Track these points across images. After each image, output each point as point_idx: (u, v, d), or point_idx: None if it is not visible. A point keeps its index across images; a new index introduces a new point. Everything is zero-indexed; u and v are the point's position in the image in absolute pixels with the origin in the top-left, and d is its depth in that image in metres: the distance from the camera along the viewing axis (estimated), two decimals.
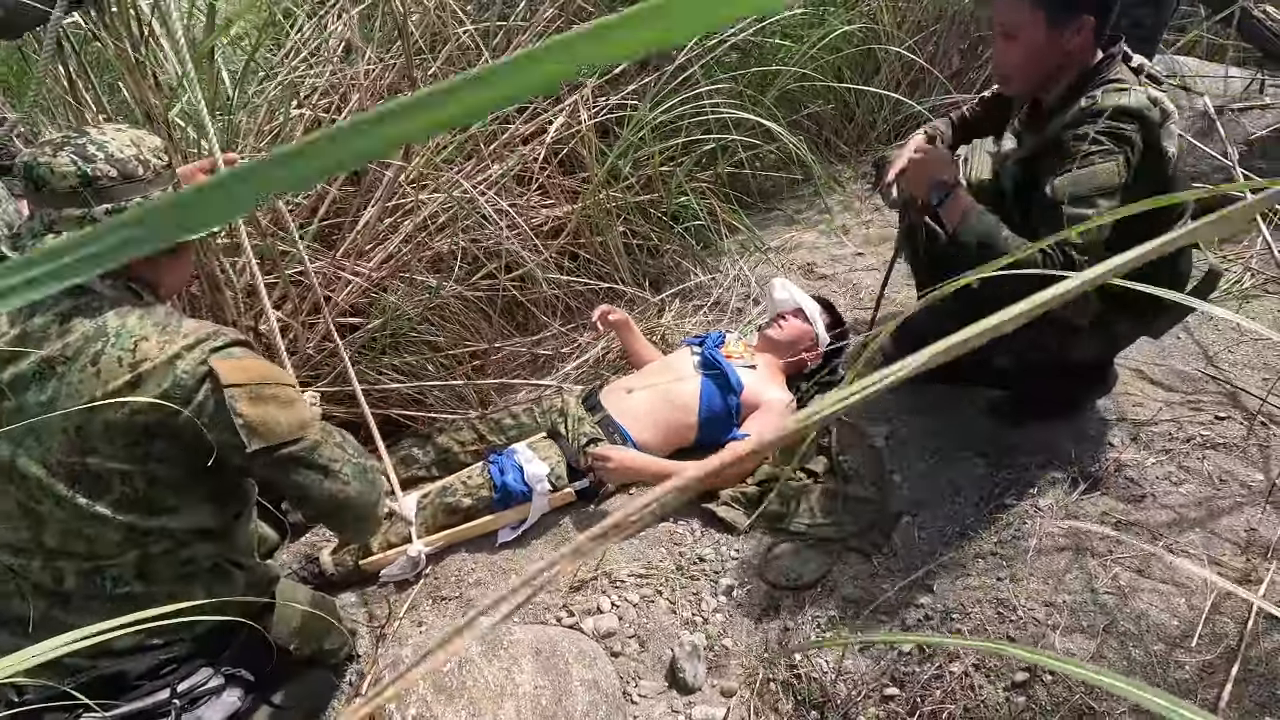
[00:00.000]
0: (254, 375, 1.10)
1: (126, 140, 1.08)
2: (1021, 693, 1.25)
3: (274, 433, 1.11)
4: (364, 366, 2.16)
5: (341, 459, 1.20)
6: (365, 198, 2.16)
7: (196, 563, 1.19)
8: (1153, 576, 1.36)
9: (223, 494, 1.21)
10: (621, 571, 1.75)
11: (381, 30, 2.20)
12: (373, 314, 2.14)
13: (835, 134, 3.62)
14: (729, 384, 1.99)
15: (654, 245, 2.89)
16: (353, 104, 2.23)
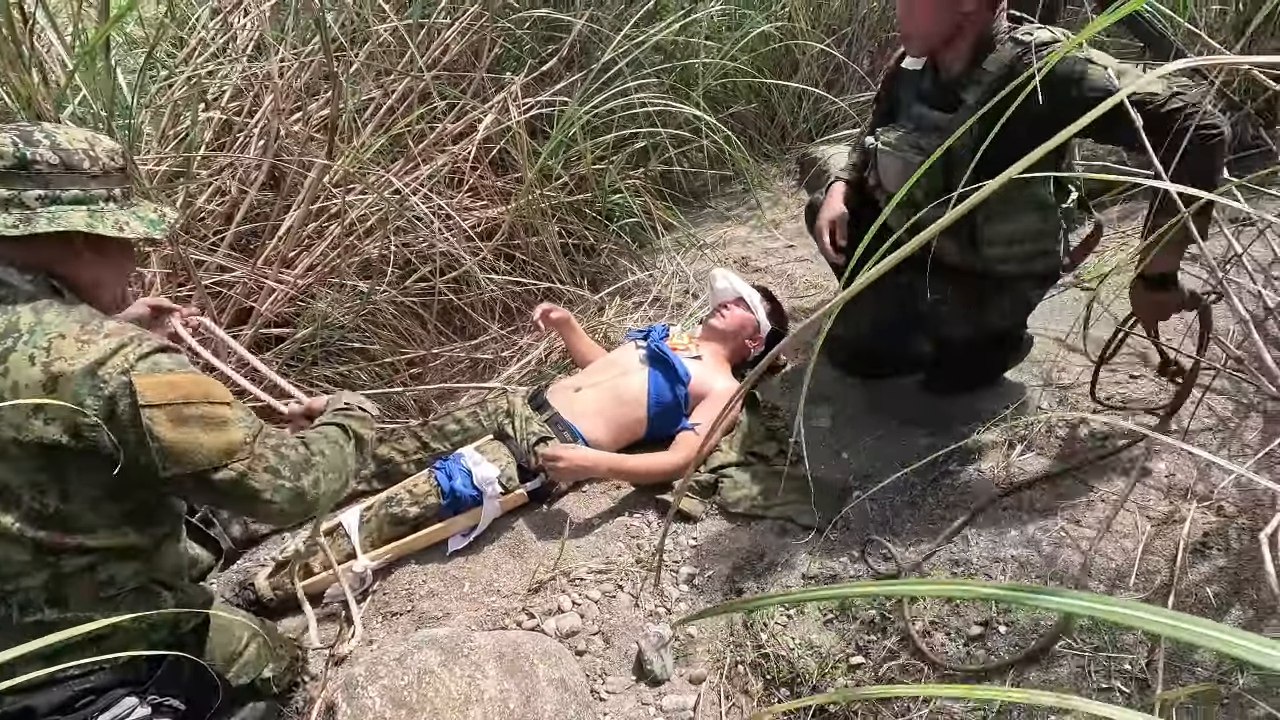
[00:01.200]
0: (178, 392, 1.01)
1: (79, 136, 1.05)
2: (979, 645, 1.30)
3: (193, 459, 1.02)
4: (294, 379, 2.05)
5: (270, 486, 1.08)
6: (286, 202, 2.05)
7: (118, 585, 1.09)
8: (1088, 525, 1.44)
9: (146, 512, 1.11)
10: (580, 569, 1.71)
11: (296, 26, 2.11)
12: (300, 323, 2.04)
13: (759, 133, 3.71)
14: (676, 375, 1.99)
15: (590, 244, 2.87)
16: (267, 105, 2.12)
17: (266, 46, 2.07)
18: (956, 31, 1.51)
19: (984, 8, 1.48)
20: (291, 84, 2.10)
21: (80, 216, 1.03)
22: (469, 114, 2.27)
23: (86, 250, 1.06)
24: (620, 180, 2.72)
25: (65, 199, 1.02)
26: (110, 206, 1.06)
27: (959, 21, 1.50)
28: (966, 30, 1.51)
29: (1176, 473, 1.50)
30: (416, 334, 2.32)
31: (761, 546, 1.72)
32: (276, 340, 2.06)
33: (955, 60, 1.56)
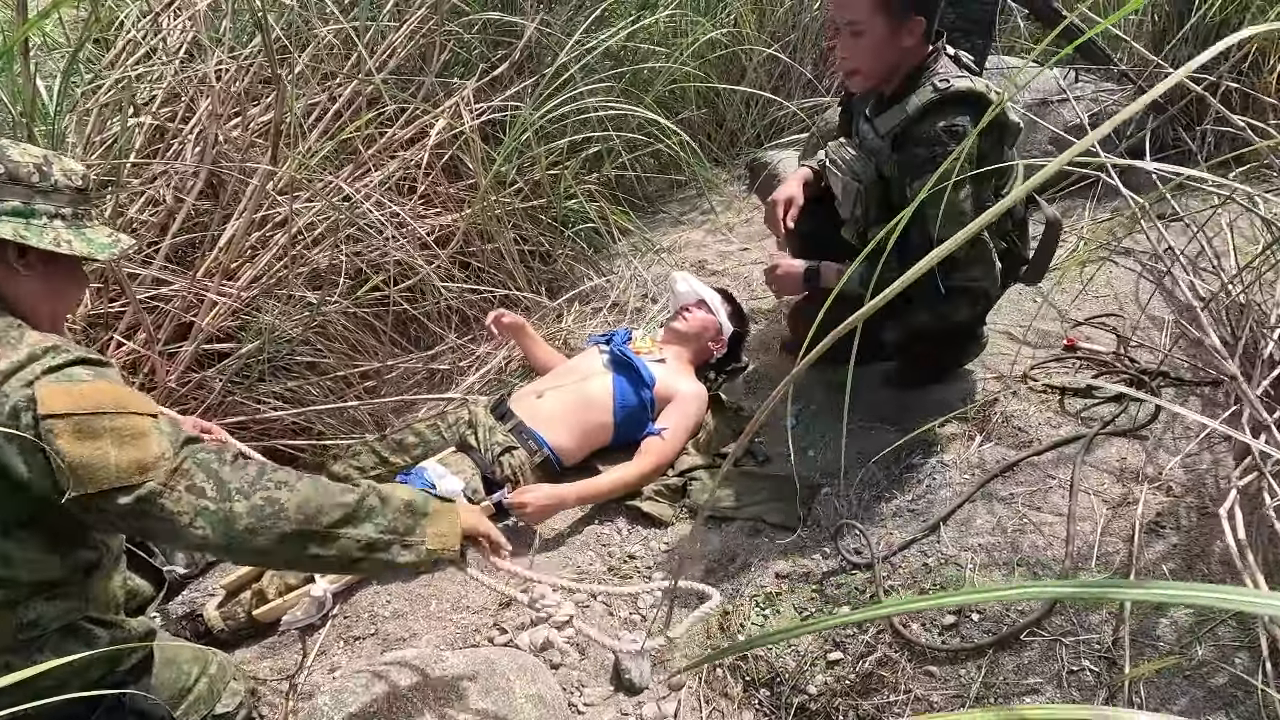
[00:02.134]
0: (88, 402, 0.91)
1: (35, 152, 1.01)
2: (954, 633, 1.32)
3: (97, 477, 0.90)
4: (239, 397, 1.95)
5: (191, 508, 0.94)
6: (226, 211, 1.96)
7: (41, 625, 0.99)
8: (1048, 510, 1.48)
9: (67, 541, 1.01)
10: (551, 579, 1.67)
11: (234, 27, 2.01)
12: (245, 338, 1.94)
13: (708, 138, 3.74)
14: (641, 379, 1.98)
15: (545, 251, 2.84)
16: (204, 110, 2.02)
17: (201, 49, 1.98)
18: (896, 66, 1.59)
19: (920, 43, 1.56)
20: (230, 88, 2.00)
21: (10, 227, 0.96)
22: (420, 119, 2.21)
23: (21, 264, 1.00)
24: (576, 185, 2.69)
25: (3, 210, 0.97)
26: (55, 224, 1.00)
27: (898, 58, 1.57)
28: (903, 65, 1.59)
29: (1127, 456, 1.56)
30: (370, 346, 2.24)
31: (733, 548, 1.72)
32: (219, 356, 1.95)
33: (889, 88, 1.63)
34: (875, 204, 1.66)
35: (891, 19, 1.51)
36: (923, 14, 1.52)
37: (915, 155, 1.53)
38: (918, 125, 1.53)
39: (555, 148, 2.66)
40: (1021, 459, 1.61)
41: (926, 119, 1.51)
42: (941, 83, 1.51)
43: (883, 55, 1.56)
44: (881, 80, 1.62)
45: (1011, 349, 2.02)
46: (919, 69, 1.57)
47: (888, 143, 1.60)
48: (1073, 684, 1.18)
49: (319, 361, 2.12)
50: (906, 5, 1.50)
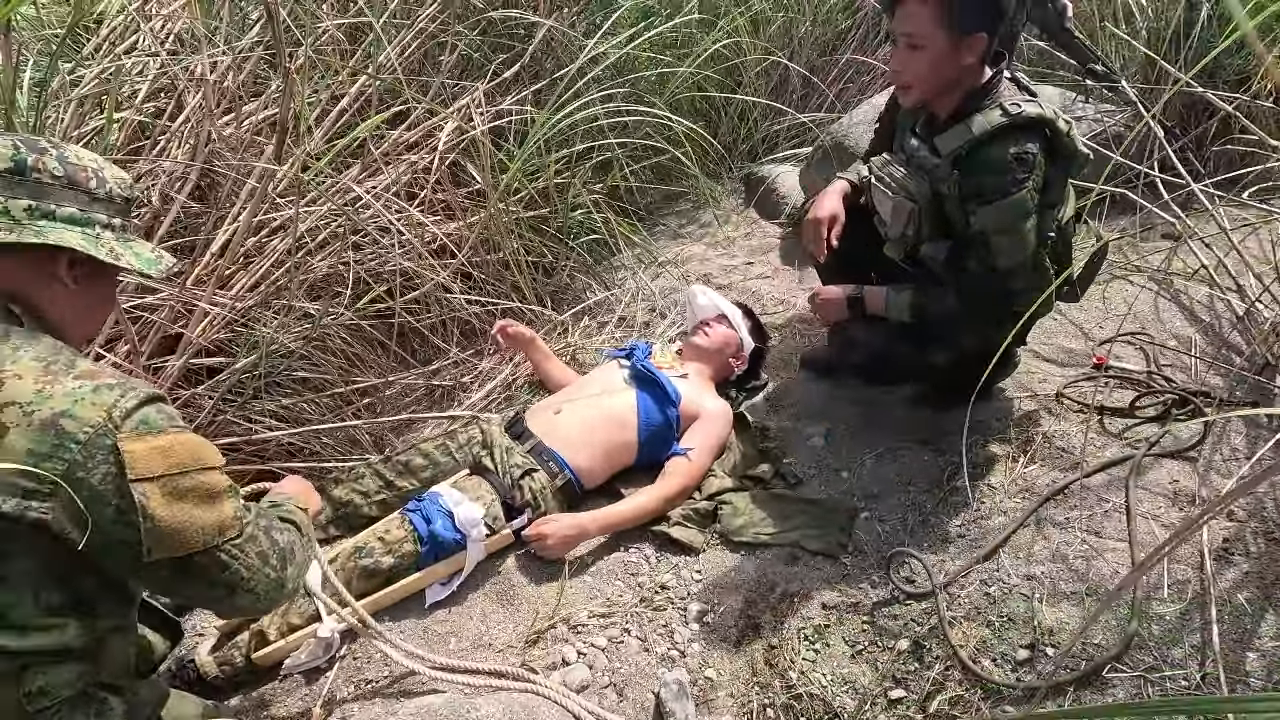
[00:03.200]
0: (174, 460, 0.85)
1: (90, 156, 0.96)
2: (1029, 669, 1.25)
3: (187, 541, 0.87)
4: (231, 415, 1.80)
5: (258, 571, 0.94)
6: (220, 213, 1.81)
7: (50, 694, 0.85)
8: (1107, 536, 1.43)
9: (93, 601, 0.89)
10: (580, 614, 1.56)
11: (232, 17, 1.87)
12: (240, 352, 1.79)
13: (703, 152, 3.70)
14: (666, 395, 1.88)
15: (549, 262, 2.73)
16: (193, 104, 1.87)
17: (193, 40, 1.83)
18: (953, 84, 1.53)
19: (979, 63, 1.51)
20: (223, 82, 1.86)
21: (75, 236, 0.89)
22: (427, 121, 2.10)
23: (70, 277, 0.93)
24: (584, 194, 2.60)
25: (60, 215, 0.90)
26: (107, 234, 0.94)
27: (957, 75, 1.52)
28: (961, 84, 1.53)
29: (1180, 479, 1.52)
30: (368, 360, 2.09)
31: (772, 576, 1.63)
32: (210, 372, 1.79)
33: (944, 108, 1.58)
34: (929, 223, 1.61)
35: (953, 34, 1.46)
36: (986, 32, 1.46)
37: (982, 181, 1.47)
38: (986, 149, 1.47)
39: (563, 156, 2.57)
40: (1072, 481, 1.56)
41: (995, 143, 1.46)
42: (1012, 107, 1.47)
43: (940, 71, 1.50)
44: (934, 96, 1.57)
45: (1041, 368, 1.99)
46: (979, 90, 1.52)
47: (948, 162, 1.55)
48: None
49: (315, 377, 1.97)
50: (970, 22, 1.44)
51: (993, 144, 1.46)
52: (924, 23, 1.46)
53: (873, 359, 1.81)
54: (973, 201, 1.50)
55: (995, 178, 1.45)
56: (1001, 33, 1.52)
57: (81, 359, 0.88)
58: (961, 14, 1.44)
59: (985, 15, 1.44)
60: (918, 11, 1.47)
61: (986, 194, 1.47)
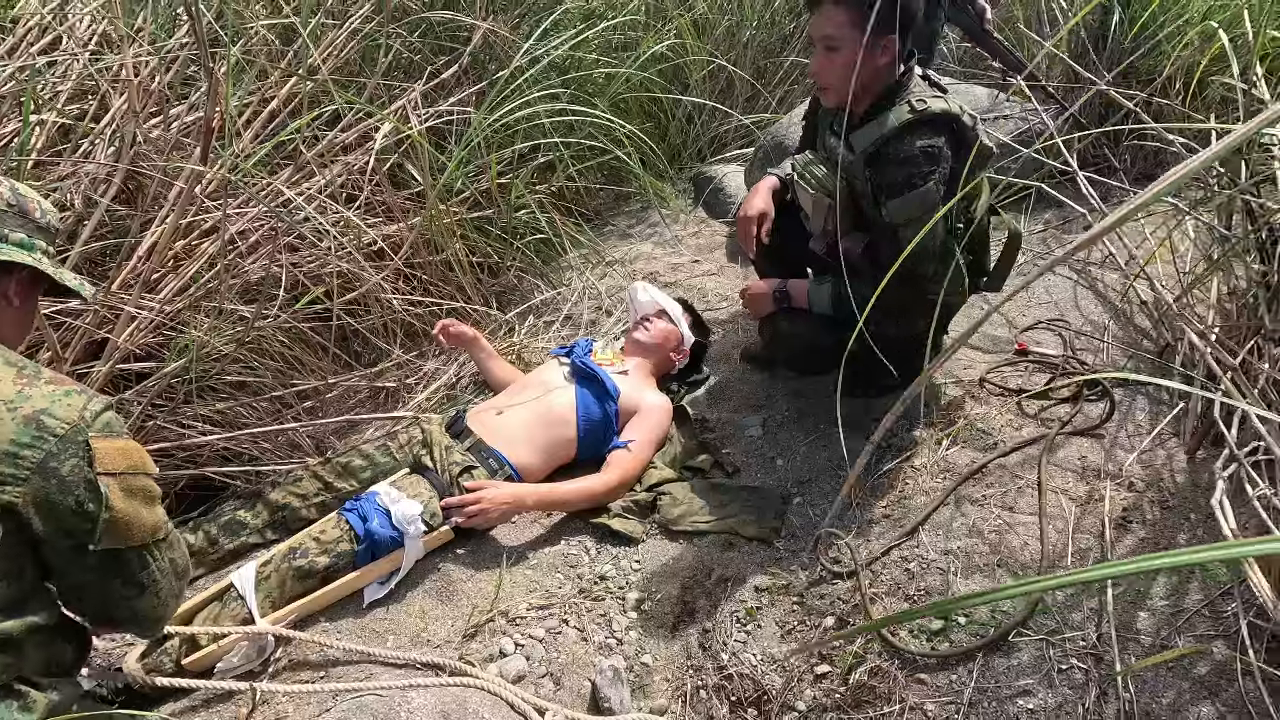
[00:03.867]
0: (130, 462, 0.97)
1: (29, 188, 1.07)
2: (943, 638, 1.30)
3: (131, 535, 0.97)
4: (161, 421, 1.77)
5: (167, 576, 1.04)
6: (147, 216, 1.78)
7: None
8: (1020, 511, 1.50)
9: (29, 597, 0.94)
10: (520, 606, 1.58)
11: (155, 17, 1.84)
12: (169, 356, 1.76)
13: (653, 152, 3.74)
14: (605, 391, 1.91)
15: (494, 262, 2.74)
16: (117, 108, 1.84)
17: (116, 40, 1.80)
18: (868, 84, 1.60)
19: (893, 63, 1.58)
20: (149, 83, 1.83)
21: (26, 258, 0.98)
22: (363, 121, 2.09)
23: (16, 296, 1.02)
24: (527, 195, 2.61)
25: (10, 240, 1.00)
26: (45, 260, 1.04)
27: (871, 76, 1.58)
28: (875, 84, 1.60)
29: (1088, 455, 1.60)
30: (309, 363, 2.08)
31: (709, 563, 1.67)
32: (138, 377, 1.76)
33: (860, 107, 1.64)
34: (846, 218, 1.67)
35: (866, 37, 1.52)
36: (896, 33, 1.54)
37: (892, 174, 1.54)
38: (894, 144, 1.54)
39: (504, 156, 2.58)
40: (989, 461, 1.63)
41: (903, 139, 1.52)
42: (919, 103, 1.53)
43: (854, 74, 1.56)
44: (849, 97, 1.63)
45: (966, 355, 2.07)
46: (892, 88, 1.59)
47: (862, 159, 1.61)
48: (1063, 683, 1.18)
49: (253, 381, 1.95)
50: (881, 24, 1.51)
51: (901, 139, 1.53)
52: (839, 26, 1.53)
53: (800, 350, 1.87)
54: (883, 194, 1.56)
55: (903, 171, 1.52)
56: (913, 33, 1.60)
57: (44, 368, 0.97)
58: (875, 18, 1.51)
59: (897, 19, 1.51)
60: (833, 15, 1.54)
61: (895, 187, 1.53)
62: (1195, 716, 1.07)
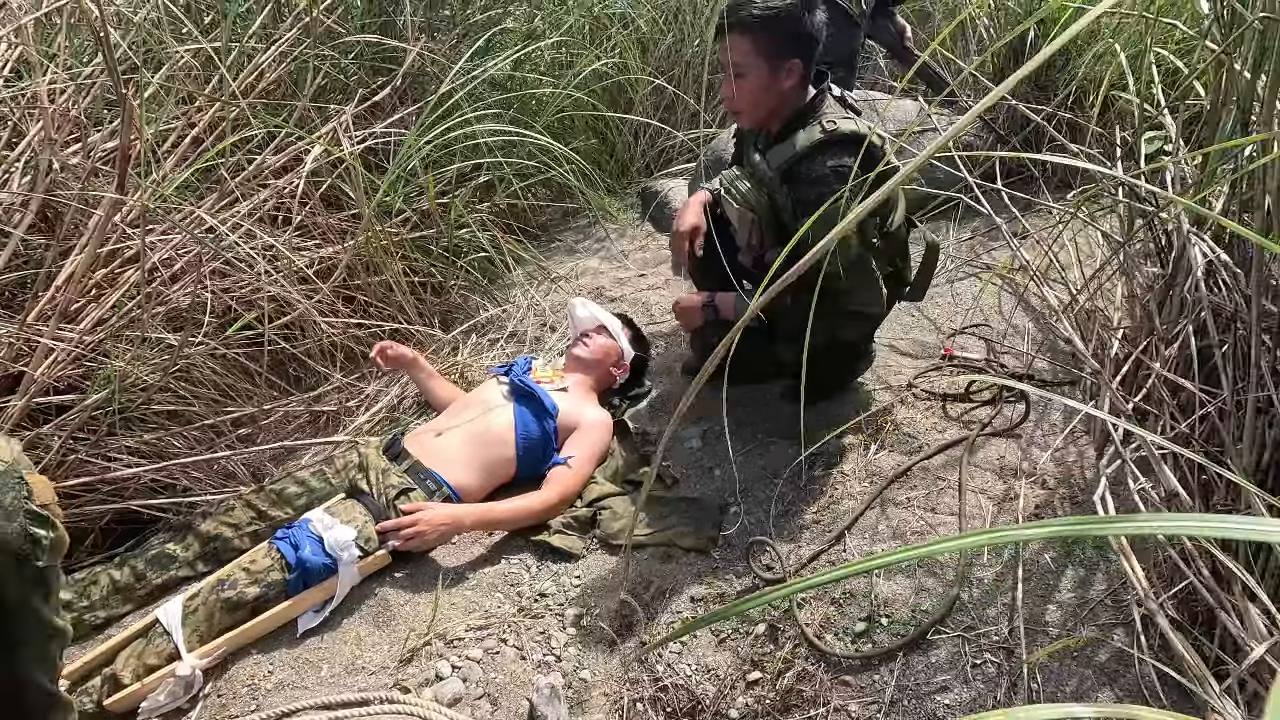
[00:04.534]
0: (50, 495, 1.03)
1: None
2: (866, 640, 1.34)
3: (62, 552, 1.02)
4: (84, 454, 1.72)
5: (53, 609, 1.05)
6: (65, 245, 1.74)
7: None
8: (941, 511, 1.56)
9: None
10: (457, 628, 1.57)
11: (71, 43, 1.81)
12: (91, 387, 1.72)
13: (599, 167, 3.78)
14: (544, 408, 1.92)
15: (437, 282, 2.73)
16: (33, 135, 1.80)
17: (30, 67, 1.77)
18: (778, 106, 1.67)
19: (800, 85, 1.65)
20: (66, 110, 1.79)
21: None
22: (293, 145, 2.08)
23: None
24: (467, 214, 2.62)
25: None
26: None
27: (780, 98, 1.66)
28: (784, 106, 1.68)
29: (1005, 455, 1.67)
30: (243, 389, 2.04)
31: (648, 575, 1.68)
32: (58, 410, 1.72)
33: (774, 126, 1.72)
34: (770, 232, 1.73)
35: (770, 62, 1.59)
36: (799, 57, 1.61)
37: (805, 193, 1.60)
38: (806, 163, 1.60)
39: (444, 175, 2.58)
40: (913, 464, 1.68)
41: (815, 158, 1.59)
42: (829, 124, 1.61)
43: (764, 96, 1.65)
44: (764, 119, 1.70)
45: (897, 361, 2.14)
46: (805, 108, 1.66)
47: (778, 175, 1.67)
48: (978, 677, 1.22)
49: (183, 410, 1.91)
50: (783, 50, 1.59)
51: (813, 158, 1.59)
52: (745, 54, 1.60)
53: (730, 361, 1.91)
54: (798, 211, 1.62)
55: (814, 190, 1.57)
56: (829, 55, 1.67)
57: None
58: (776, 44, 1.58)
59: (798, 44, 1.59)
60: (738, 44, 1.61)
61: (808, 205, 1.58)
62: (1096, 702, 1.12)
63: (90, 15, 1.52)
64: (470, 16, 2.99)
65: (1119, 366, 1.61)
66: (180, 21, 1.97)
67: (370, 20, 2.59)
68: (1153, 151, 2.23)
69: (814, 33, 1.59)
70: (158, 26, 1.89)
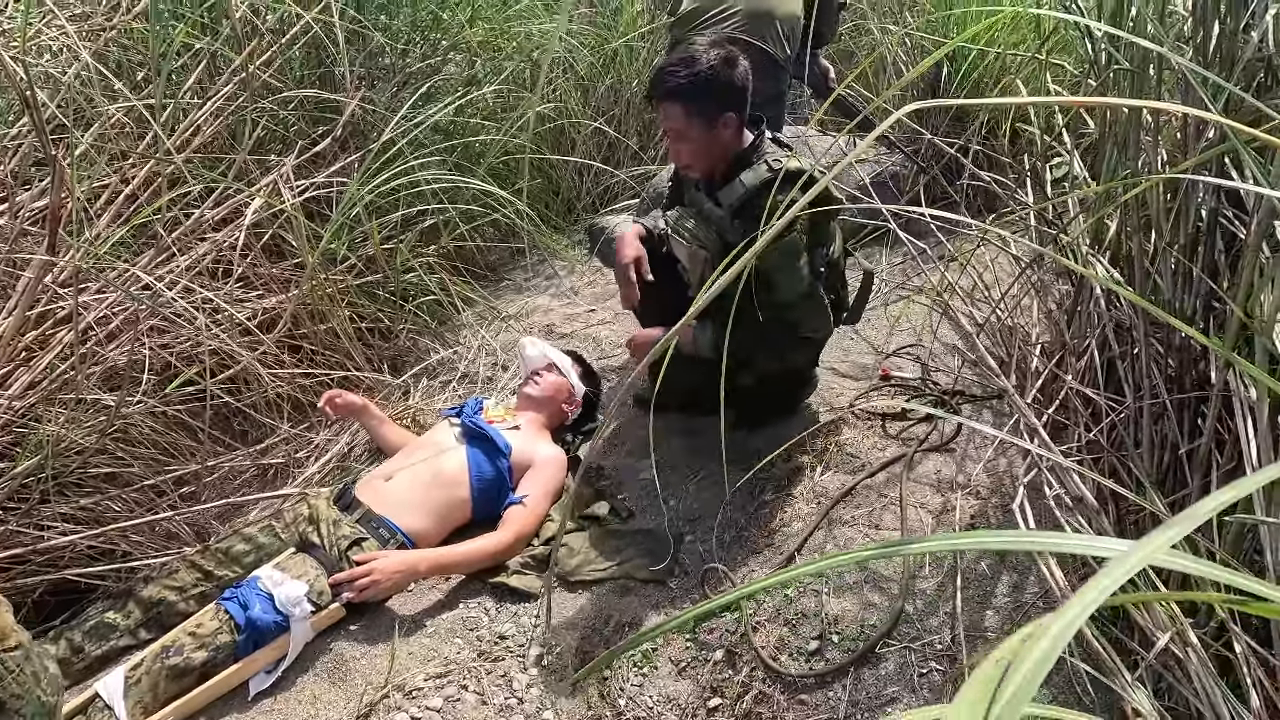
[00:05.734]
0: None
1: None
2: (819, 658, 1.38)
3: None
4: (14, 525, 1.66)
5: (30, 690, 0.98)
6: None
7: None
8: (885, 527, 1.62)
9: None
10: (416, 678, 1.55)
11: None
12: (22, 455, 1.66)
13: (546, 207, 3.84)
14: (496, 448, 1.93)
15: (385, 327, 2.73)
16: None
17: None
18: (720, 156, 1.77)
19: (738, 133, 1.75)
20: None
21: None
22: (232, 198, 2.07)
23: None
24: (412, 258, 2.64)
25: None
26: None
27: (722, 149, 1.76)
28: (728, 152, 1.77)
29: (941, 469, 1.75)
30: (186, 447, 2.00)
31: (607, 610, 1.70)
32: None
33: (719, 172, 1.81)
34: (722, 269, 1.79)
35: (706, 121, 1.68)
36: (732, 110, 1.71)
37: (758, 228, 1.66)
38: (757, 200, 1.68)
39: (388, 221, 2.60)
40: (857, 483, 1.75)
41: (764, 195, 1.66)
42: (775, 162, 1.71)
43: (707, 152, 1.74)
44: (712, 169, 1.80)
45: (839, 383, 2.22)
46: (747, 151, 1.76)
47: (729, 213, 1.75)
48: (924, 686, 1.27)
49: (121, 471, 1.86)
50: (715, 108, 1.69)
51: (762, 195, 1.67)
52: (679, 118, 1.69)
53: (686, 393, 1.96)
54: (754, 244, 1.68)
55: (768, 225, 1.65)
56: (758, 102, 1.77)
57: None
58: (707, 104, 1.68)
59: (728, 98, 1.68)
60: (672, 110, 1.71)
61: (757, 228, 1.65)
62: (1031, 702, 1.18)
63: (16, 77, 1.51)
64: (410, 65, 3.04)
65: (1039, 378, 1.72)
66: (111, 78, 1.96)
67: (309, 71, 2.61)
68: (1060, 176, 2.40)
69: (741, 85, 1.69)
70: (87, 85, 1.88)
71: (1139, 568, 0.41)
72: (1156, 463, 1.21)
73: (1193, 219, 1.27)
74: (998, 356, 1.94)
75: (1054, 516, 1.23)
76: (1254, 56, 1.22)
